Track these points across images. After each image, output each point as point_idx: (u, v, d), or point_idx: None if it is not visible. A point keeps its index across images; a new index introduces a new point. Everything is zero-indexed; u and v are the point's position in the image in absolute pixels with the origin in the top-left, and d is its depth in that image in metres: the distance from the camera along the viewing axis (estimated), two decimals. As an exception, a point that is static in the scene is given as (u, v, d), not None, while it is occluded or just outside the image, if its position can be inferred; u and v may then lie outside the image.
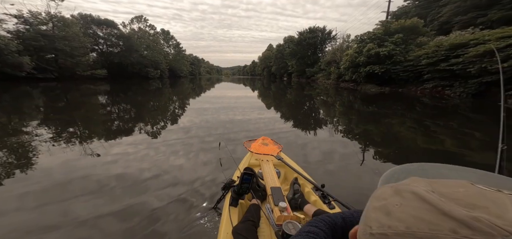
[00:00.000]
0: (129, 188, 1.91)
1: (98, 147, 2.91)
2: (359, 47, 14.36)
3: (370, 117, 5.59)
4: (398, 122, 4.95)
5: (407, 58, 11.70)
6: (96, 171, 2.23)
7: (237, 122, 4.57)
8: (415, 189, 0.21)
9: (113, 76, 25.48)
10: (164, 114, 5.71)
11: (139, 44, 30.87)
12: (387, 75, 12.81)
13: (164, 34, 42.18)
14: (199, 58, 74.99)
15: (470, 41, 8.45)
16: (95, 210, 1.59)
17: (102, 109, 6.32)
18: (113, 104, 7.42)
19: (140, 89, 13.69)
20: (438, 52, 9.59)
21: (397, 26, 12.81)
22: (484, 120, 5.28)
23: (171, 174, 2.16)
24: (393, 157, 2.83)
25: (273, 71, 45.06)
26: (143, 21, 34.57)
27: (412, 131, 4.12)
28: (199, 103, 7.84)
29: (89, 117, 5.14)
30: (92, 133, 3.73)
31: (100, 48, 27.33)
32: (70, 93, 10.08)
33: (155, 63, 32.28)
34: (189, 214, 1.52)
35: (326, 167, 2.40)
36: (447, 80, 9.50)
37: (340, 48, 21.09)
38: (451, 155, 2.84)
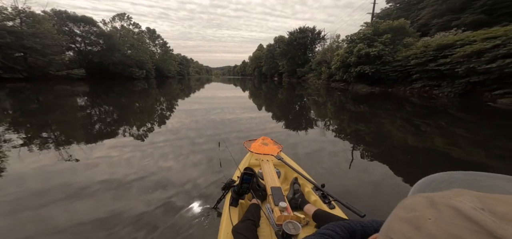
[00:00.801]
0: (121, 191, 1.86)
1: (77, 151, 2.76)
2: (350, 47, 14.71)
3: (362, 117, 5.69)
4: (389, 121, 5.05)
5: (396, 59, 12.16)
6: (76, 176, 2.11)
7: (228, 122, 4.56)
8: (458, 204, 0.17)
9: (93, 76, 24.28)
10: (151, 116, 5.53)
11: (122, 43, 29.75)
12: (377, 75, 13.21)
13: (150, 33, 41.12)
14: (188, 58, 73.53)
15: (456, 42, 8.87)
16: (78, 216, 1.52)
17: (81, 111, 5.96)
18: (93, 106, 7.02)
19: (123, 90, 13.19)
20: (426, 53, 10.00)
21: (385, 26, 13.27)
22: (472, 119, 5.43)
23: (170, 175, 2.13)
24: (384, 156, 2.85)
25: (264, 71, 45.35)
26: (126, 19, 33.43)
27: (405, 130, 4.15)
28: (188, 104, 7.71)
29: (66, 120, 4.82)
30: (70, 137, 3.51)
31: (77, 47, 25.86)
32: (43, 95, 9.44)
33: (140, 63, 31.23)
34: (189, 214, 1.53)
35: (318, 166, 2.41)
36: (434, 80, 9.87)
37: (330, 48, 21.62)
38: (442, 154, 2.87)
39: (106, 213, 1.56)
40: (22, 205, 1.65)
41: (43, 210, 1.59)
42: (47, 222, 1.47)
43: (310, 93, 12.46)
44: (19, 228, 1.42)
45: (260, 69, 50.07)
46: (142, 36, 35.68)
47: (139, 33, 34.79)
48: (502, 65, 6.99)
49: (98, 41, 26.50)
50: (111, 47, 26.66)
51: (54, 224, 1.45)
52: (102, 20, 33.31)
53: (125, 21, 33.28)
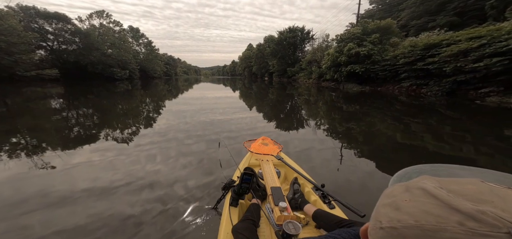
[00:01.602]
0: (109, 195, 1.81)
1: (54, 157, 2.61)
2: (340, 47, 15.01)
3: (354, 116, 5.76)
4: (379, 120, 5.14)
5: (384, 58, 12.60)
6: (55, 184, 2.01)
7: (218, 122, 4.54)
8: (424, 185, 0.23)
9: (68, 77, 22.81)
10: (136, 118, 5.36)
11: (101, 41, 28.28)
12: (367, 75, 13.61)
13: (133, 32, 39.68)
14: (175, 58, 71.44)
15: (442, 42, 9.33)
16: (59, 223, 1.46)
17: (55, 115, 5.60)
18: (70, 109, 6.63)
19: (104, 91, 12.70)
20: (414, 52, 10.45)
21: (373, 26, 13.70)
22: (460, 117, 5.63)
23: (168, 175, 2.12)
24: (374, 154, 2.92)
25: (254, 71, 45.44)
26: (105, 17, 31.81)
27: (397, 129, 4.20)
28: (176, 105, 7.58)
29: (38, 125, 4.49)
30: (44, 142, 3.28)
31: (50, 45, 24.11)
32: (10, 98, 8.78)
33: (123, 63, 29.88)
34: (189, 215, 1.53)
35: (308, 164, 2.43)
36: (422, 79, 10.31)
37: (320, 47, 22.06)
38: (432, 151, 2.93)
39: (97, 219, 1.51)
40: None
41: (20, 220, 1.51)
42: (24, 232, 1.40)
43: (301, 92, 12.72)
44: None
45: (250, 69, 50.12)
46: (124, 34, 34.28)
47: (120, 31, 33.33)
48: (489, 64, 7.25)
49: (73, 39, 24.98)
50: (88, 46, 25.31)
51: (32, 234, 1.38)
52: (77, 17, 31.15)
53: (105, 19, 31.77)
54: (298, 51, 31.35)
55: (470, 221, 0.18)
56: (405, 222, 0.21)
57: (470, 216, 0.19)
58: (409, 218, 0.21)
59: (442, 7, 15.96)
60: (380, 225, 0.23)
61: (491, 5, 12.57)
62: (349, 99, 8.94)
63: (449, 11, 15.45)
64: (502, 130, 4.18)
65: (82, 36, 25.25)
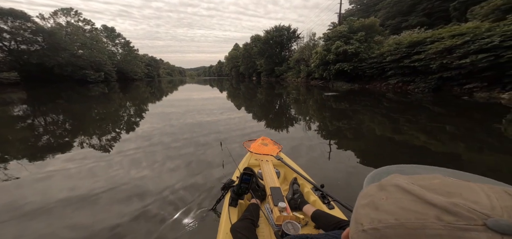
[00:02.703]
0: (94, 201, 1.74)
1: (20, 168, 2.39)
2: (327, 45, 15.30)
3: (344, 113, 5.83)
4: (370, 117, 5.23)
5: (371, 55, 13.02)
6: (25, 194, 1.85)
7: (206, 124, 4.48)
8: (397, 182, 0.24)
9: (31, 80, 20.70)
10: (116, 123, 5.07)
11: (70, 41, 26.18)
12: (355, 72, 13.98)
13: (108, 32, 37.45)
14: (157, 59, 68.36)
15: (426, 39, 9.73)
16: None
17: (19, 123, 5.07)
18: (36, 116, 5.99)
19: (75, 95, 11.80)
20: (399, 50, 10.85)
21: (359, 24, 14.10)
22: (446, 112, 5.75)
23: (163, 182, 2.06)
24: (367, 151, 2.99)
25: (242, 71, 45.25)
26: (73, 15, 29.57)
27: (386, 126, 4.24)
28: (160, 108, 7.34)
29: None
30: (8, 153, 2.96)
31: (6, 45, 21.58)
32: None
33: (97, 64, 27.87)
34: (188, 214, 1.54)
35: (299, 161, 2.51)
36: (408, 76, 10.71)
37: (307, 46, 22.44)
38: (422, 146, 2.98)
39: (78, 230, 1.44)
40: None
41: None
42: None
43: (290, 92, 12.85)
44: None
45: (237, 69, 49.85)
46: (96, 34, 32.19)
47: (92, 30, 31.20)
48: (476, 61, 7.39)
49: (35, 39, 22.69)
50: (54, 46, 23.18)
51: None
52: (39, 14, 28.25)
53: (73, 17, 29.52)
54: (285, 50, 32.02)
55: (446, 215, 0.19)
56: (386, 222, 0.21)
57: (445, 210, 0.19)
58: (389, 217, 0.21)
59: (413, 8, 17.49)
60: (362, 228, 0.23)
61: (454, 7, 13.88)
62: (338, 98, 9.08)
63: (419, 12, 16.98)
64: (491, 124, 4.27)
65: (46, 36, 23.06)
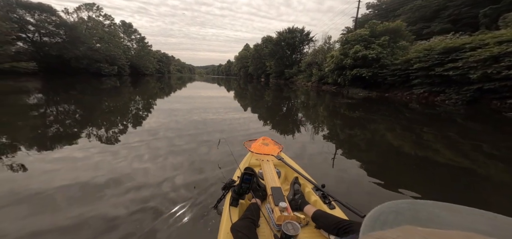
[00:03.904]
0: (119, 191, 1.75)
1: (27, 155, 2.40)
2: (344, 49, 14.32)
3: (358, 121, 5.47)
4: (386, 127, 4.84)
5: (394, 62, 11.90)
6: (29, 182, 1.84)
7: (210, 122, 4.45)
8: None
9: (49, 71, 21.36)
10: (125, 116, 5.08)
11: (89, 35, 27.05)
12: (373, 79, 12.90)
13: (125, 27, 38.36)
14: (169, 55, 70.52)
15: (465, 45, 8.48)
16: (33, 226, 1.36)
17: (30, 111, 5.15)
18: (49, 105, 6.16)
19: (89, 87, 12.02)
20: (430, 56, 9.63)
21: (382, 28, 13.06)
22: (482, 129, 5.05)
23: (166, 177, 2.05)
24: (378, 162, 2.82)
25: (250, 71, 44.85)
26: (95, 10, 30.51)
27: (406, 139, 3.94)
28: (167, 103, 7.36)
29: (9, 122, 4.08)
30: (17, 140, 2.99)
31: (29, 37, 22.63)
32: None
33: (111, 58, 28.50)
34: (189, 214, 1.52)
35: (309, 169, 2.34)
36: (438, 86, 9.49)
37: (321, 49, 21.64)
38: (446, 164, 2.72)
39: (78, 221, 1.42)
40: None
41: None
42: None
43: (298, 95, 12.48)
44: None
45: (246, 70, 49.77)
46: (114, 29, 33.16)
47: (110, 25, 32.16)
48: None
49: (57, 32, 23.68)
50: (74, 40, 23.94)
51: (5, 236, 1.28)
52: (64, 9, 30.18)
53: (94, 12, 30.47)
54: (296, 53, 31.48)
55: None
56: None
57: None
58: None
59: (437, 14, 16.57)
60: None
61: (485, 13, 12.71)
62: (355, 106, 8.38)
63: (444, 18, 16.03)
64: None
65: (68, 29, 23.98)
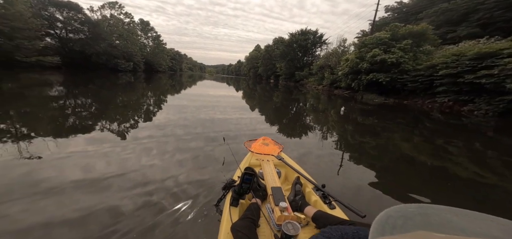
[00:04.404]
0: (105, 188, 1.76)
1: (44, 146, 2.48)
2: (361, 52, 13.72)
3: (371, 128, 5.20)
4: (403, 136, 4.54)
5: (416, 67, 11.06)
6: (43, 173, 1.91)
7: (218, 121, 4.46)
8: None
9: (71, 65, 22.59)
10: (137, 111, 5.22)
11: (110, 32, 28.31)
12: (391, 85, 12.16)
13: (143, 25, 39.80)
14: (182, 53, 72.70)
15: (503, 51, 7.67)
16: (43, 215, 1.40)
17: (52, 103, 5.43)
18: (68, 98, 6.49)
19: (106, 82, 12.56)
20: (460, 62, 8.79)
21: (405, 31, 12.28)
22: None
23: (170, 173, 2.07)
24: (390, 171, 2.70)
25: (260, 72, 44.78)
26: (117, 8, 31.96)
27: (423, 149, 3.68)
28: (177, 100, 7.48)
29: (32, 112, 4.30)
30: (36, 130, 3.10)
31: (57, 33, 24.18)
32: (4, 83, 8.56)
33: (128, 55, 29.68)
34: (189, 214, 1.51)
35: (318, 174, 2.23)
36: (466, 95, 8.63)
37: (335, 52, 21.02)
38: (470, 179, 2.52)
39: (84, 212, 1.46)
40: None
41: (3, 208, 1.44)
42: (6, 221, 1.34)
43: (308, 98, 12.20)
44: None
45: (256, 70, 49.82)
46: (133, 27, 34.53)
47: (129, 23, 33.53)
48: None
49: (81, 28, 25.11)
50: (96, 36, 25.20)
51: (16, 224, 1.31)
52: (89, 7, 32.33)
53: (116, 10, 31.92)
54: (308, 55, 30.98)
55: None
56: None
57: None
58: None
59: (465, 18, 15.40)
60: None
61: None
62: (369, 112, 7.97)
63: (472, 22, 14.86)
64: None
65: (91, 26, 25.28)
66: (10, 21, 16.46)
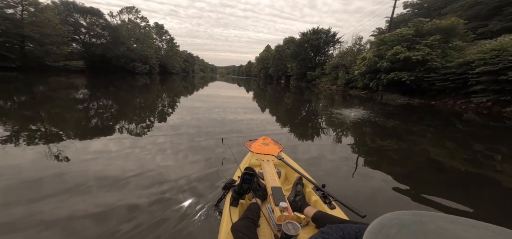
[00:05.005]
0: (117, 186, 1.84)
1: (70, 145, 2.64)
2: (379, 50, 13.01)
3: (393, 131, 4.85)
4: (431, 140, 4.16)
5: (446, 65, 10.23)
6: (71, 170, 2.07)
7: (228, 122, 4.51)
8: None
9: (93, 69, 23.86)
10: (152, 112, 5.39)
11: (128, 36, 29.72)
12: (416, 84, 11.32)
13: (158, 28, 41.30)
14: (194, 55, 74.98)
15: None
16: (68, 210, 1.50)
17: (77, 104, 5.76)
18: (91, 100, 6.85)
19: (124, 84, 13.04)
20: (501, 58, 7.93)
21: (431, 26, 11.41)
22: None
23: (170, 172, 2.11)
24: (413, 177, 2.45)
25: (271, 73, 44.50)
26: (134, 13, 33.56)
27: (456, 154, 3.38)
28: (190, 101, 7.64)
29: (59, 113, 4.60)
30: (64, 130, 3.33)
31: (81, 38, 25.71)
32: (35, 86, 9.06)
33: (144, 58, 30.86)
34: (189, 213, 1.51)
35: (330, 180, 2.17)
36: (509, 95, 7.78)
37: (350, 51, 20.22)
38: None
39: (101, 208, 1.53)
40: (12, 195, 1.62)
41: (34, 203, 1.55)
42: (37, 215, 1.44)
43: (321, 99, 11.78)
44: (7, 218, 1.40)
45: (266, 71, 49.66)
46: (149, 30, 35.87)
47: (145, 27, 34.91)
48: None
49: (103, 33, 26.50)
50: (115, 40, 26.48)
51: (44, 218, 1.41)
52: (109, 12, 34.60)
53: (133, 15, 33.46)
54: (320, 54, 30.27)
55: None
56: None
57: None
58: None
59: (498, 11, 14.00)
60: None
61: None
62: (389, 113, 7.40)
63: (506, 16, 13.49)
64: None
65: (111, 31, 26.64)
66: (40, 28, 17.76)
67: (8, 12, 16.57)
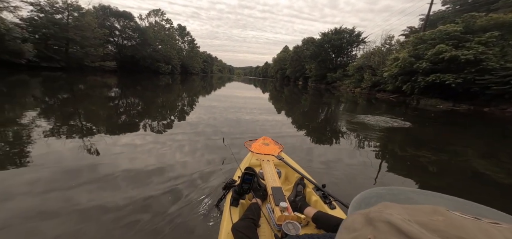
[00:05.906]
0: (132, 181, 1.94)
1: (101, 140, 2.85)
2: (416, 50, 11.81)
3: (432, 140, 4.36)
4: (481, 152, 3.74)
5: (505, 66, 8.84)
6: (103, 160, 2.28)
7: (244, 122, 4.56)
8: (390, 218, 0.19)
9: (123, 69, 25.61)
10: (172, 111, 5.69)
11: (154, 38, 31.49)
12: (463, 87, 9.92)
13: (180, 30, 43.25)
14: (212, 56, 77.75)
15: None
16: (98, 199, 1.63)
17: (109, 102, 6.25)
18: (121, 98, 7.38)
19: (149, 84, 13.58)
20: None
21: (485, 21, 9.87)
22: None
23: (174, 170, 2.17)
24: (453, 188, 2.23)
25: (288, 74, 43.83)
26: (160, 15, 35.61)
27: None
28: (208, 101, 7.85)
29: (94, 110, 5.04)
30: (97, 124, 3.69)
31: (115, 40, 27.95)
32: (76, 85, 9.93)
33: (167, 58, 32.49)
34: (190, 213, 1.52)
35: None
36: None
37: (378, 51, 18.85)
38: None
39: (125, 199, 1.64)
40: (52, 183, 1.79)
41: (69, 190, 1.71)
42: (70, 201, 1.58)
43: (342, 102, 11.08)
44: (46, 204, 1.54)
45: (283, 72, 48.97)
46: (172, 32, 37.66)
47: (170, 29, 36.79)
48: None
49: (133, 35, 28.56)
50: (143, 42, 28.32)
51: (76, 204, 1.55)
52: (139, 15, 37.78)
53: (159, 17, 35.48)
54: (342, 55, 29.03)
55: None
56: None
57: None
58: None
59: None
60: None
61: None
62: (428, 119, 6.56)
63: None
64: None
65: (140, 33, 28.57)
66: (82, 31, 19.73)
67: (57, 17, 18.70)
